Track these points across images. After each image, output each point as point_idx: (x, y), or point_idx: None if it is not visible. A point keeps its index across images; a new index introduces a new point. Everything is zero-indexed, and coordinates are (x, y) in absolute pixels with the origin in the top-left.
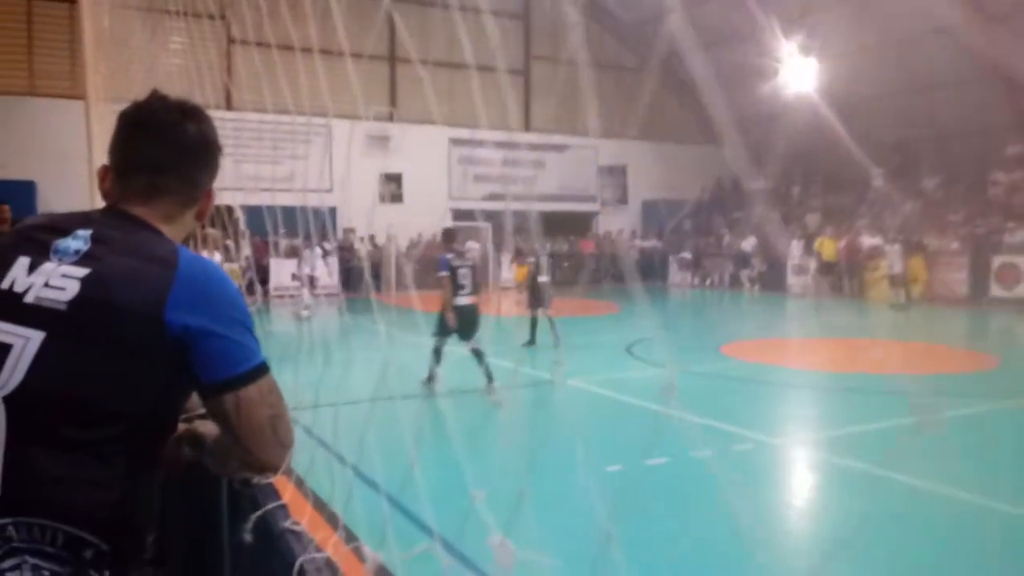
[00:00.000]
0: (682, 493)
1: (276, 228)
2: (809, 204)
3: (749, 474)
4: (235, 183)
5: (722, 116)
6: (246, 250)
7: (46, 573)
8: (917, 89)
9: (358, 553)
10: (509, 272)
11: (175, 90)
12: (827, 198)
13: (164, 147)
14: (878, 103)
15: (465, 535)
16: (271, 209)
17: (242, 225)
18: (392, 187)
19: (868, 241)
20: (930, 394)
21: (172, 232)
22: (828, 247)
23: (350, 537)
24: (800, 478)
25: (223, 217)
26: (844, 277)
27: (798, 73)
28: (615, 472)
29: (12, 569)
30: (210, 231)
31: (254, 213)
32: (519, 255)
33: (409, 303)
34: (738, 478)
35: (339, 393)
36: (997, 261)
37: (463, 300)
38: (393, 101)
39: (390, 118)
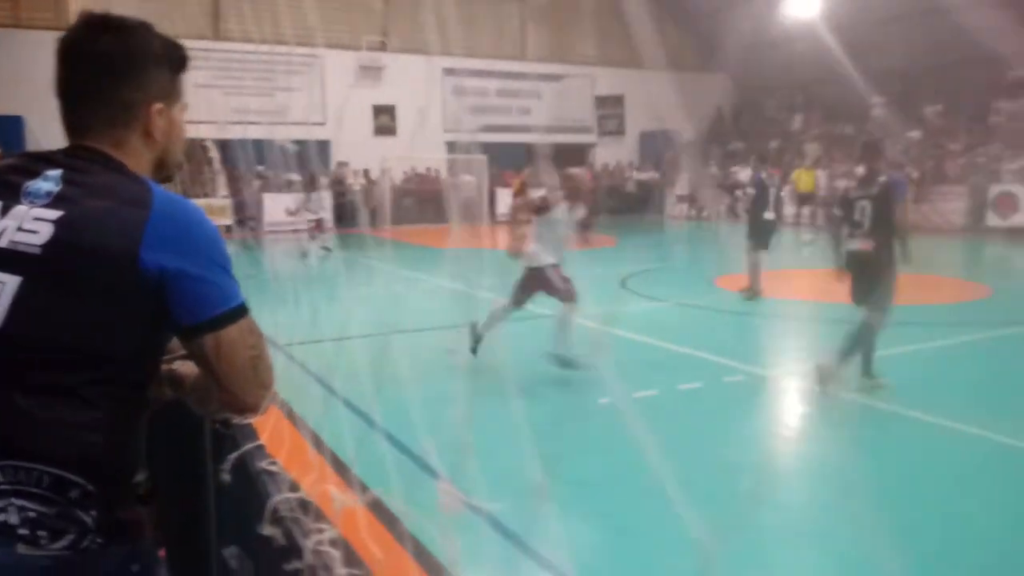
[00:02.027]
0: (669, 424)
1: (270, 163)
2: (809, 134)
3: (738, 405)
4: (219, 116)
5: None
6: (223, 187)
7: (32, 514)
8: (920, 15)
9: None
10: (508, 207)
11: (157, 19)
12: (828, 127)
13: (79, 69)
14: (881, 29)
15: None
16: (259, 143)
17: (216, 164)
18: (385, 119)
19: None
20: (921, 324)
21: (131, 163)
22: (805, 179)
23: (340, 475)
24: (787, 408)
25: (197, 152)
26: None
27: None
28: (605, 405)
29: None
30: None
31: (242, 147)
32: (524, 189)
33: (405, 237)
34: (726, 407)
35: (337, 329)
36: (995, 190)
37: (855, 244)
38: (385, 30)
39: (383, 48)
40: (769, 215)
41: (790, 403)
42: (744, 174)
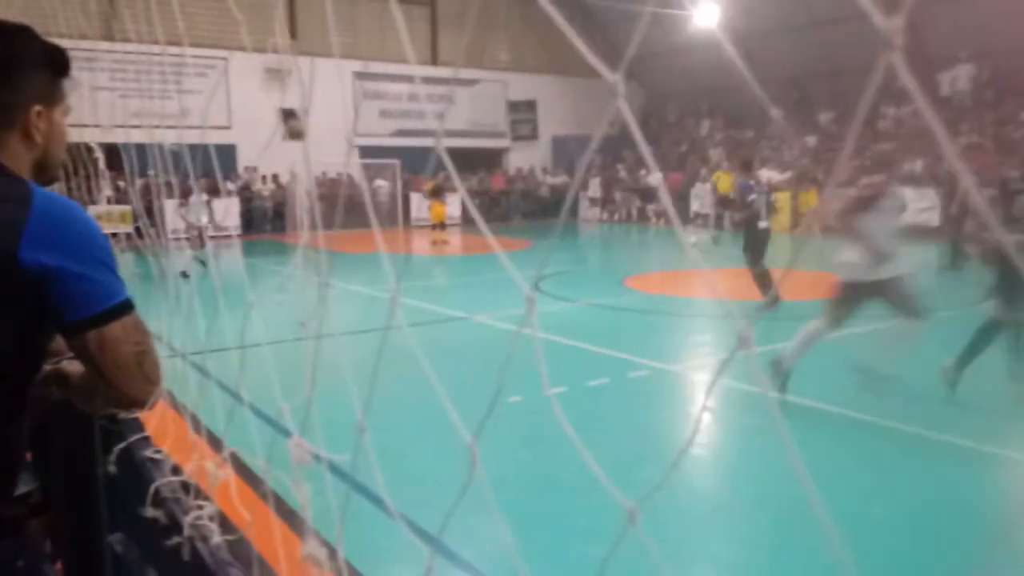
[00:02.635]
0: (576, 419)
1: (165, 167)
2: (713, 139)
3: (643, 399)
4: (114, 119)
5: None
6: (107, 191)
7: None
8: (813, 24)
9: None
10: (421, 211)
11: (44, 19)
12: (730, 133)
13: None
14: (777, 38)
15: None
16: (156, 147)
17: (101, 164)
18: (294, 123)
19: (767, 175)
20: (814, 317)
21: (11, 164)
22: (725, 180)
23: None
24: (687, 399)
25: (82, 155)
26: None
27: (702, 9)
28: (515, 403)
29: None
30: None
31: (139, 152)
32: (438, 193)
33: (316, 243)
34: (630, 402)
35: (239, 336)
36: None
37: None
38: (293, 33)
39: (290, 51)
40: (763, 224)
41: (691, 395)
42: (654, 178)
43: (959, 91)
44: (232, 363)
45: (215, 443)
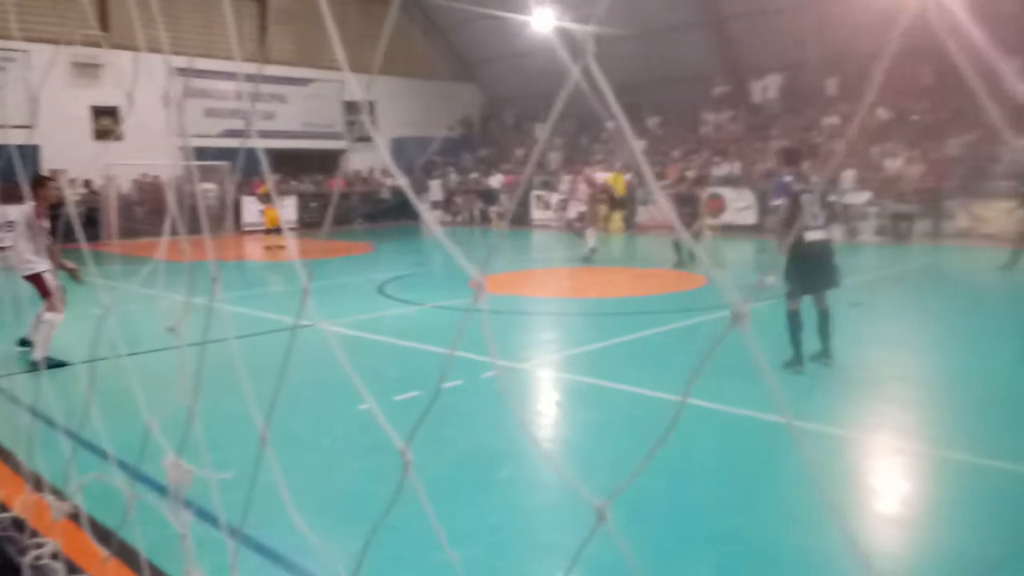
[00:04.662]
0: (432, 421)
1: None
2: (551, 142)
3: (496, 397)
4: None
5: None
6: None
7: None
8: (643, 35)
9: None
10: (254, 216)
11: None
12: (567, 137)
13: None
14: (609, 46)
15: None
16: None
17: None
18: (107, 122)
19: (601, 176)
20: (648, 312)
21: None
22: (620, 182)
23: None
24: (539, 395)
25: None
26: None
27: (538, 15)
28: (366, 410)
29: None
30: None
31: None
32: (269, 198)
33: (136, 251)
34: (485, 401)
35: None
36: (706, 193)
37: (815, 235)
38: (105, 25)
39: (101, 44)
40: (815, 235)
41: (541, 392)
42: (495, 180)
43: (769, 99)
44: (46, 386)
45: (37, 480)
